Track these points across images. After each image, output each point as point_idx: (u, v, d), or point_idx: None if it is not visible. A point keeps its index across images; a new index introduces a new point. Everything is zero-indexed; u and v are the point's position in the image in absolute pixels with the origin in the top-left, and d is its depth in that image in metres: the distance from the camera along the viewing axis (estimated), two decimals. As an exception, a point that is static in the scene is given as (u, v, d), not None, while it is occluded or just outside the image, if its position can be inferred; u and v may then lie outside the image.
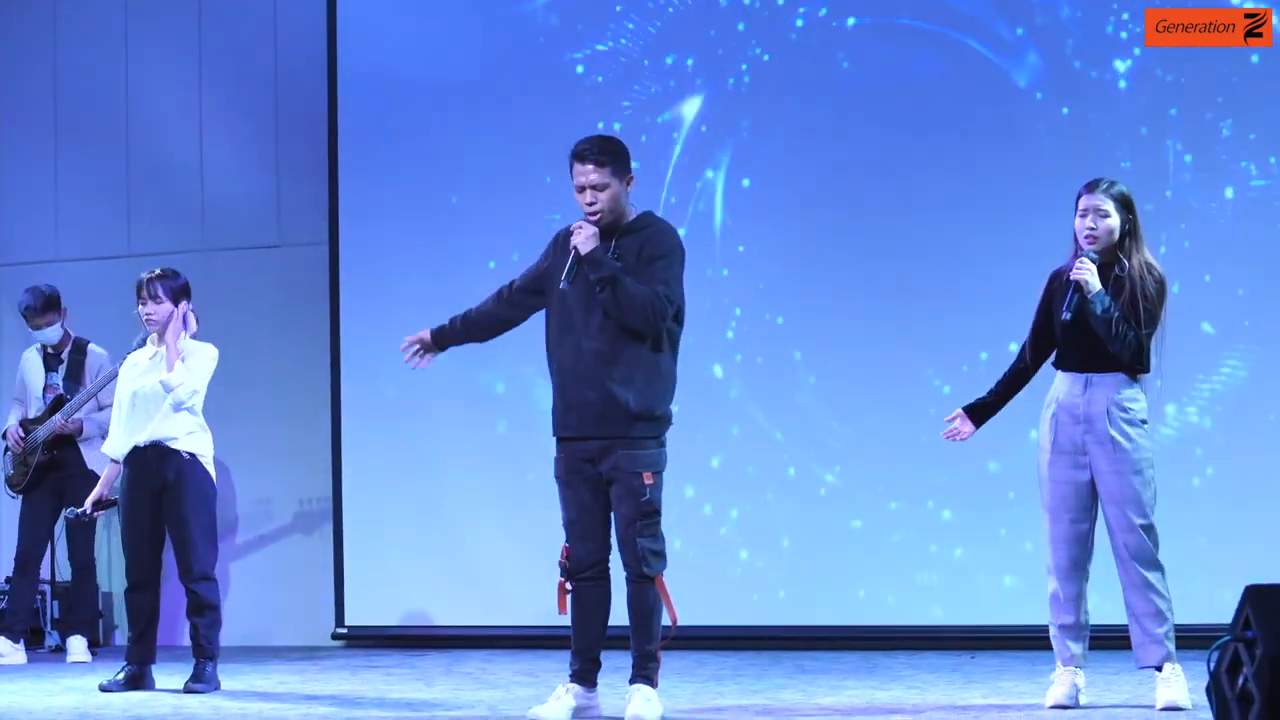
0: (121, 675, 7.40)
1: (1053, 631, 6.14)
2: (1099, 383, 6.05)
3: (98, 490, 7.74)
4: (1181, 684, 5.91)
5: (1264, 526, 8.25)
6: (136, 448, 7.41)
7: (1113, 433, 6.00)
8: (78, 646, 9.10)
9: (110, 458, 7.60)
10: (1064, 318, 6.00)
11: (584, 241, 5.95)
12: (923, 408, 8.36)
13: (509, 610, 9.21)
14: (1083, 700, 6.08)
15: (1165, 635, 5.97)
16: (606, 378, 5.91)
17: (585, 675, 6.04)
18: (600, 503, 5.98)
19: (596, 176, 5.97)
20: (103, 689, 7.33)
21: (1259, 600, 4.66)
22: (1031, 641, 7.10)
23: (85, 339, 9.30)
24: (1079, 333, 6.01)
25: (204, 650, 7.36)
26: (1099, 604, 6.34)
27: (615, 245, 5.98)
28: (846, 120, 8.93)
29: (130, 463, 7.45)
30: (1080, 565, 6.09)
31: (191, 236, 10.18)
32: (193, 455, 7.39)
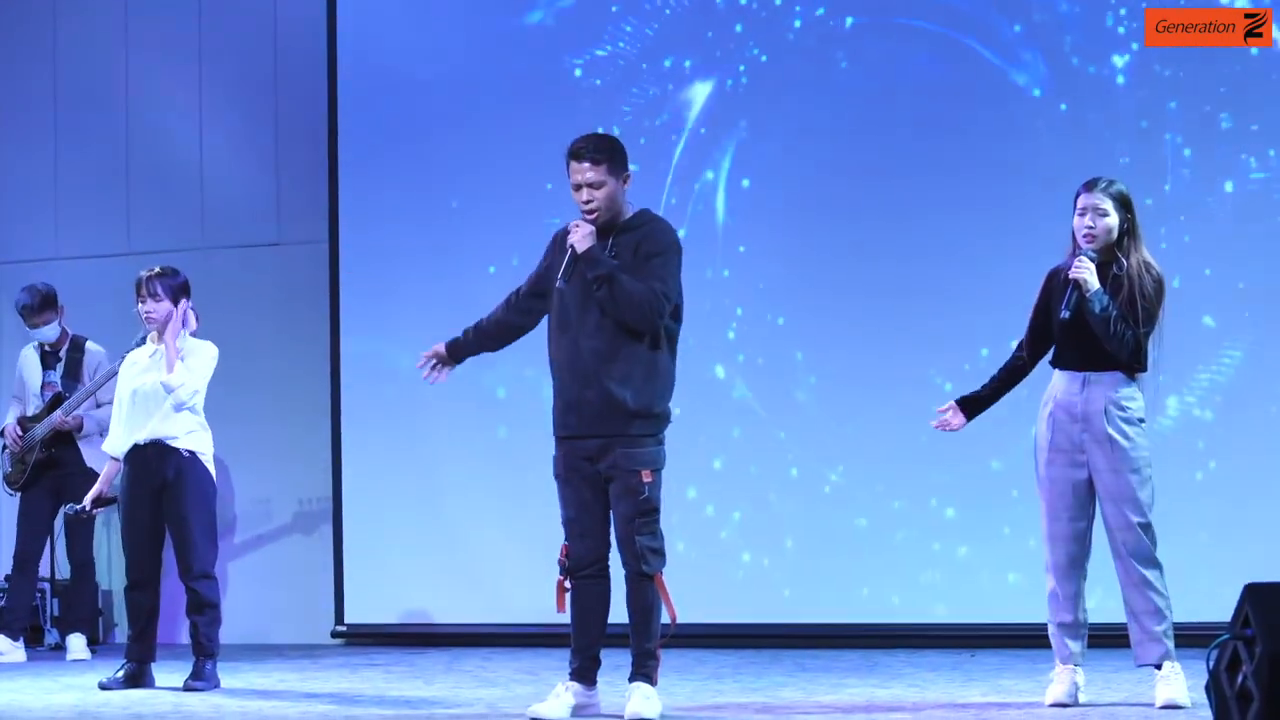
0: (121, 673, 7.40)
1: (1051, 630, 6.15)
2: (1097, 381, 6.05)
3: (97, 487, 7.74)
4: (1181, 682, 5.91)
5: (1264, 525, 8.24)
6: (136, 446, 7.41)
7: (1110, 431, 6.01)
8: (77, 644, 9.09)
9: (110, 455, 7.60)
10: (1062, 316, 6.01)
11: (581, 240, 5.95)
12: (925, 406, 8.26)
13: (508, 608, 9.20)
14: (1082, 698, 6.08)
15: (1164, 633, 5.97)
16: (605, 376, 5.90)
17: (585, 673, 6.05)
18: (599, 501, 5.98)
19: (593, 175, 5.96)
20: (102, 687, 7.33)
21: (1258, 598, 4.66)
22: (1031, 640, 7.09)
23: (83, 337, 9.30)
24: (1077, 331, 6.01)
25: (204, 648, 7.36)
26: (1098, 602, 6.34)
27: (612, 243, 5.98)
28: (845, 120, 8.92)
29: (130, 461, 7.45)
30: (1079, 563, 6.10)
31: (191, 235, 10.17)
32: (192, 453, 7.39)
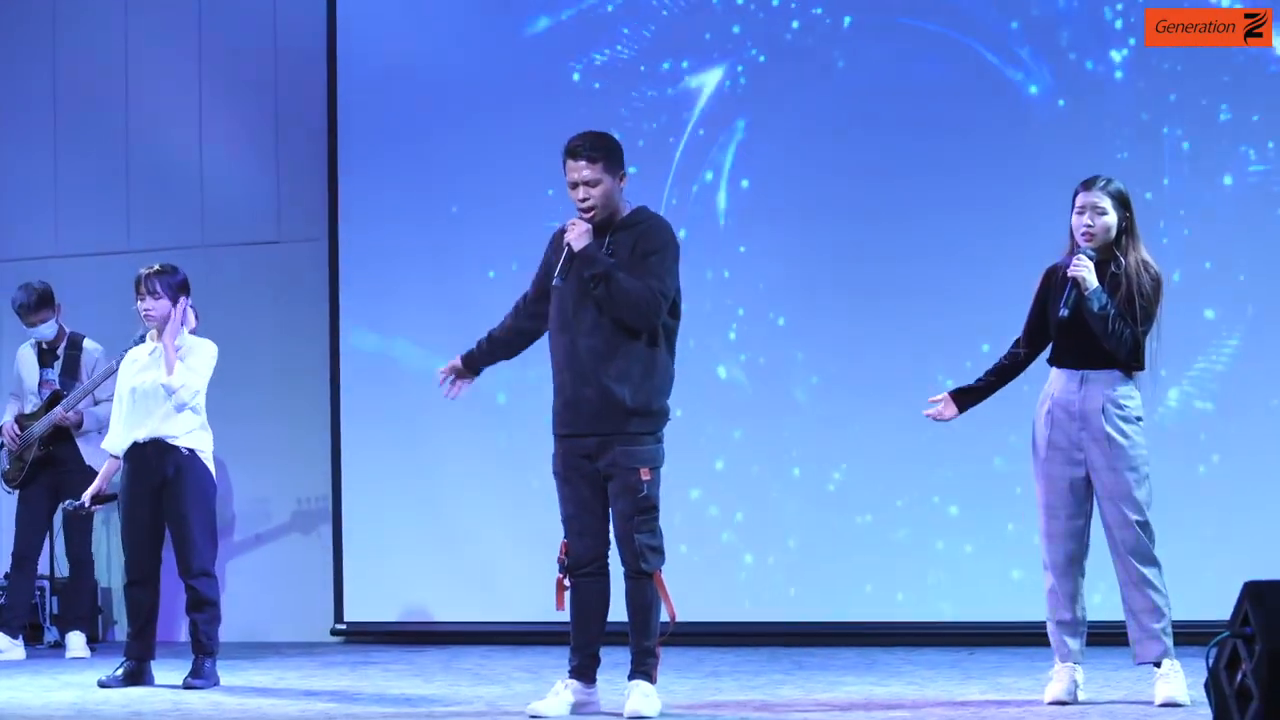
0: (120, 671, 7.40)
1: (1050, 628, 6.15)
2: (1094, 379, 6.05)
3: (96, 484, 7.74)
4: (1180, 680, 5.92)
5: (1263, 524, 8.22)
6: (136, 444, 7.41)
7: (1109, 430, 6.01)
8: (76, 642, 9.09)
9: (110, 453, 7.60)
10: (1061, 314, 6.00)
11: (577, 238, 5.94)
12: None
13: (508, 606, 9.20)
14: (1081, 696, 6.08)
15: (1163, 631, 5.97)
16: (603, 374, 5.90)
17: (584, 671, 6.05)
18: (599, 499, 5.98)
19: (589, 173, 5.95)
20: (101, 685, 7.33)
21: (1258, 596, 4.65)
22: (1031, 637, 7.09)
23: (80, 334, 9.29)
24: (1075, 330, 6.02)
25: (203, 646, 7.36)
26: (1098, 600, 6.34)
27: (609, 241, 5.98)
28: (844, 119, 8.91)
29: (130, 458, 7.45)
30: (1077, 561, 6.10)
31: (191, 232, 10.17)
32: (192, 451, 7.39)
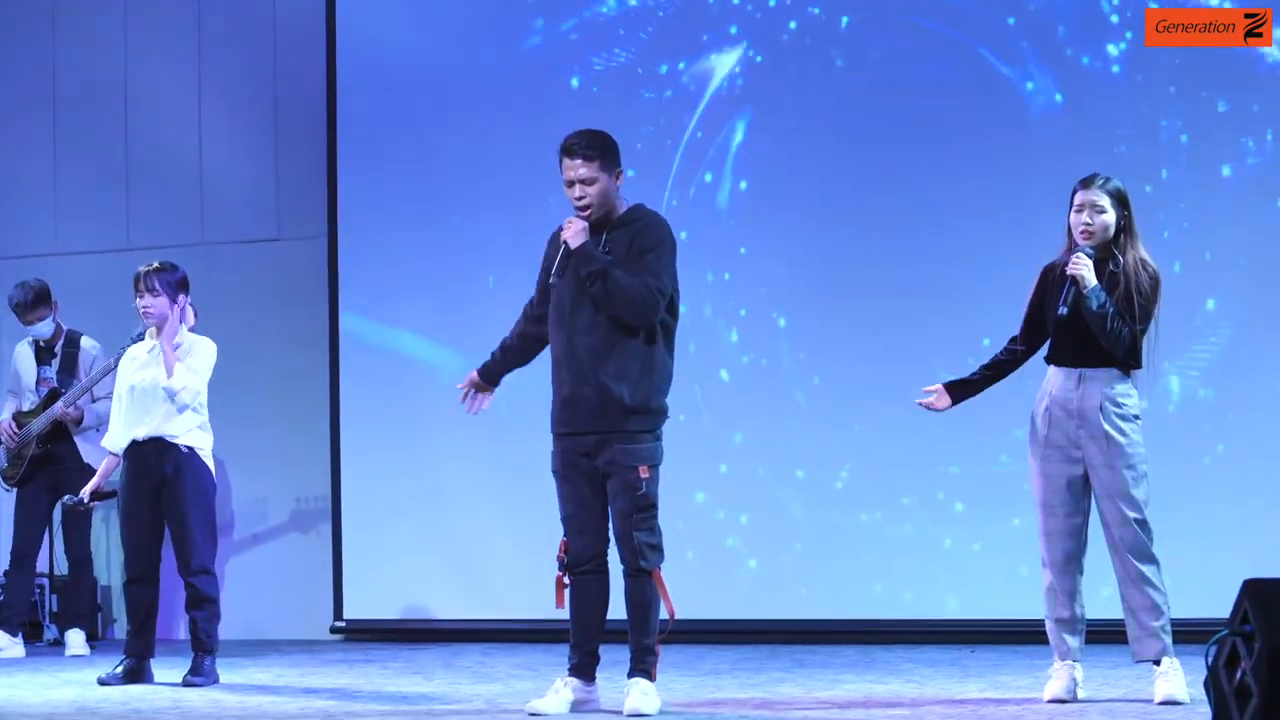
0: (120, 669, 7.40)
1: (1049, 626, 6.15)
2: (1092, 378, 6.05)
3: (95, 481, 7.74)
4: (1179, 678, 5.91)
5: (1262, 523, 8.20)
6: (135, 442, 7.40)
7: (1107, 428, 6.01)
8: (76, 640, 9.09)
9: (109, 451, 7.59)
10: (1060, 313, 6.00)
11: (573, 236, 5.93)
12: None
13: (507, 604, 9.20)
14: (1080, 694, 6.08)
15: (1162, 629, 5.97)
16: (600, 372, 5.89)
17: (584, 669, 6.05)
18: (597, 497, 5.98)
19: (585, 171, 5.95)
20: (101, 682, 7.34)
21: (1257, 594, 4.65)
22: (1030, 635, 7.08)
23: (78, 332, 9.29)
24: (1073, 328, 6.01)
25: (203, 644, 7.36)
26: (1096, 598, 6.33)
27: (606, 239, 5.97)
28: (843, 118, 8.90)
29: (129, 457, 7.44)
30: (1075, 559, 6.10)
31: (191, 230, 10.17)
32: (191, 449, 7.38)
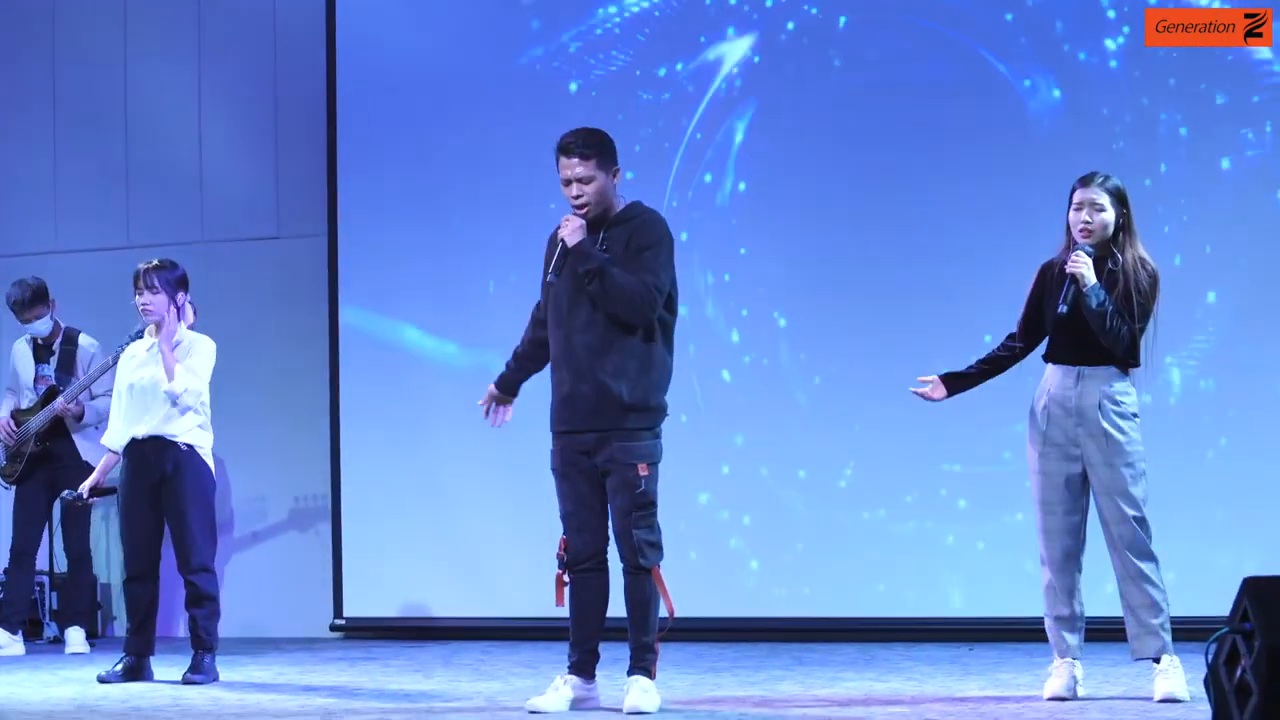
0: (120, 666, 7.40)
1: (1048, 624, 6.15)
2: (1091, 376, 6.05)
3: (94, 478, 7.73)
4: (1179, 676, 5.91)
5: (1262, 522, 8.19)
6: (135, 440, 7.40)
7: (1105, 425, 6.00)
8: (76, 638, 9.09)
9: (109, 448, 7.59)
10: (1060, 311, 6.00)
11: (571, 234, 5.93)
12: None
13: (507, 602, 9.21)
14: (1080, 692, 6.08)
15: (1161, 626, 5.97)
16: (599, 370, 5.89)
17: (583, 666, 6.05)
18: (597, 495, 5.98)
19: (582, 169, 5.95)
20: (101, 680, 7.34)
21: (1257, 592, 4.65)
22: (1030, 633, 7.08)
23: (76, 330, 9.29)
24: (1072, 326, 6.01)
25: (202, 642, 7.36)
26: (1096, 596, 6.33)
27: (603, 237, 5.97)
28: (841, 118, 8.91)
29: (129, 455, 7.44)
30: (1074, 556, 6.10)
31: (191, 228, 10.17)
32: (190, 447, 7.38)
